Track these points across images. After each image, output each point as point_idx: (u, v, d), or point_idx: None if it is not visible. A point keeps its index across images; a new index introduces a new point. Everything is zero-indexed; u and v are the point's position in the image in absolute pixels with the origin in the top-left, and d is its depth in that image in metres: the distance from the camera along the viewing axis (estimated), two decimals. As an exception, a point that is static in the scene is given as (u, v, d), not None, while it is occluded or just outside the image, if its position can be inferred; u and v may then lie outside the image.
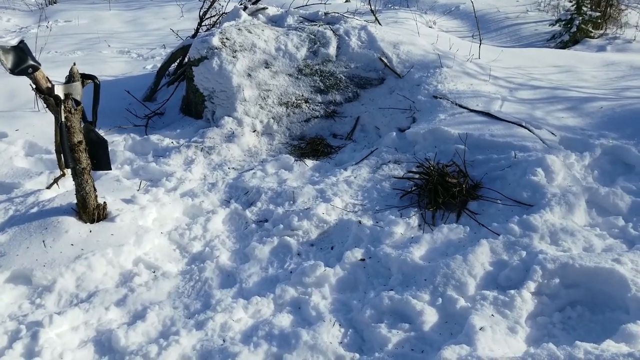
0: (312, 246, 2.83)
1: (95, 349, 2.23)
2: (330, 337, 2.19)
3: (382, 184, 3.25)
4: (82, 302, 2.44)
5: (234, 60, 4.31)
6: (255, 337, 2.21)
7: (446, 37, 5.59)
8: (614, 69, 4.81)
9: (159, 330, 2.32)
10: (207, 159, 3.77)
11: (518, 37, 8.86)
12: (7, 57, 2.40)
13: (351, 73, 4.43)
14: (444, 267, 2.41)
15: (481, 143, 3.36)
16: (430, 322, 2.18)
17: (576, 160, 3.13)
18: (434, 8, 10.54)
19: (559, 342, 2.03)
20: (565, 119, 3.70)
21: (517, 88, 4.26)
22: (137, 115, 4.63)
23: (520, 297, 2.20)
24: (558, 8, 9.59)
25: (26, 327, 2.25)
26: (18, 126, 4.10)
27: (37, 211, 2.95)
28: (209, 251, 2.81)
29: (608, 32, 8.65)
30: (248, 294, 2.49)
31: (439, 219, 2.90)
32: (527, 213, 2.75)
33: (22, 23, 9.08)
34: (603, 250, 2.48)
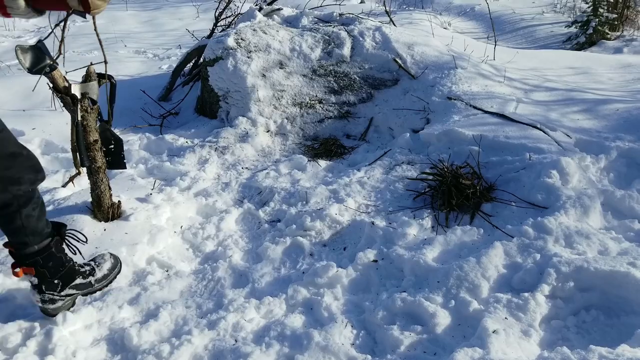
0: (325, 247, 2.83)
1: (108, 348, 2.24)
2: (342, 338, 2.19)
3: (395, 185, 3.25)
4: (96, 301, 2.45)
5: (249, 61, 4.33)
6: (267, 337, 2.22)
7: (461, 39, 5.57)
8: (630, 71, 4.76)
9: (172, 329, 2.33)
10: (221, 158, 3.78)
11: (533, 39, 8.80)
12: (25, 56, 2.42)
13: (365, 74, 4.43)
14: (457, 269, 2.39)
15: (495, 145, 3.34)
16: (443, 325, 2.17)
17: (591, 163, 3.10)
18: (449, 9, 10.50)
19: (573, 346, 2.01)
20: (580, 121, 3.66)
21: (532, 90, 4.23)
22: (153, 114, 4.66)
23: (534, 300, 2.19)
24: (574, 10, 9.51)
25: (40, 325, 2.26)
26: (35, 125, 4.14)
27: (52, 209, 2.98)
28: (221, 251, 2.82)
29: (625, 34, 8.57)
30: (260, 294, 2.49)
31: (452, 220, 2.89)
32: (541, 215, 2.72)
33: (41, 23, 9.19)
34: (618, 253, 2.46)
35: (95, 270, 2.44)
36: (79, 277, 2.36)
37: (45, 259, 2.17)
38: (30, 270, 2.16)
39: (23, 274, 2.17)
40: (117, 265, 2.56)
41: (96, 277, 2.44)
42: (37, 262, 2.15)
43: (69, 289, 2.30)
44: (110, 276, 2.51)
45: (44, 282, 2.19)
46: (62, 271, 2.26)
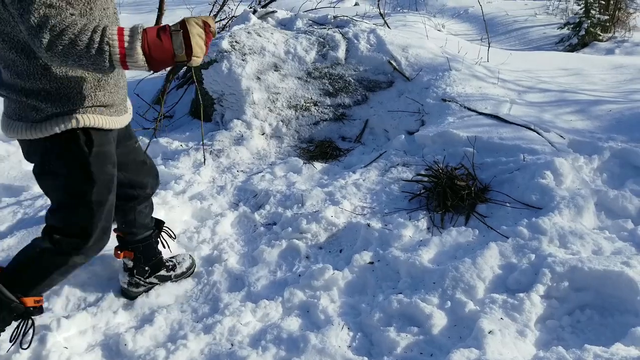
0: (321, 249, 2.83)
1: (103, 353, 2.23)
2: (338, 340, 2.19)
3: (390, 186, 3.25)
4: (90, 306, 2.45)
5: (244, 64, 4.32)
6: (264, 340, 2.21)
7: (455, 41, 5.59)
8: (622, 72, 4.79)
9: (167, 334, 2.32)
10: (216, 161, 3.78)
11: (526, 41, 8.84)
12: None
13: (360, 76, 4.43)
14: (452, 271, 2.40)
15: (490, 146, 3.35)
16: (439, 326, 2.17)
17: (585, 163, 3.12)
18: (443, 11, 10.54)
19: (568, 345, 2.02)
20: (573, 122, 3.68)
21: (525, 91, 4.25)
22: (147, 118, 4.65)
23: (530, 301, 2.19)
24: (567, 11, 9.56)
25: (34, 330, 2.25)
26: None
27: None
28: (217, 254, 2.81)
29: (617, 36, 8.62)
30: (256, 298, 2.49)
31: (447, 222, 2.90)
32: (535, 216, 2.73)
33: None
34: (612, 253, 2.47)
35: (176, 266, 2.65)
36: (164, 269, 2.60)
37: (144, 247, 2.50)
38: (130, 254, 2.48)
39: (123, 257, 2.50)
40: (193, 266, 2.73)
41: (176, 273, 2.64)
42: (137, 248, 2.49)
43: (153, 278, 2.56)
44: (186, 274, 2.69)
45: (137, 266, 2.49)
46: (154, 260, 2.54)
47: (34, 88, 1.77)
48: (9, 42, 1.70)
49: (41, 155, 1.92)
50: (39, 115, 1.81)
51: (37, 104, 1.79)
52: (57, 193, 1.99)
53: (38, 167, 1.95)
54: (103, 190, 1.98)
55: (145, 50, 1.63)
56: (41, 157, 1.92)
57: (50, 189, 2.00)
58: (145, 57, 1.64)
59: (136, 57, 1.62)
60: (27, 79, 1.76)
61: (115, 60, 1.60)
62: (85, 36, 1.56)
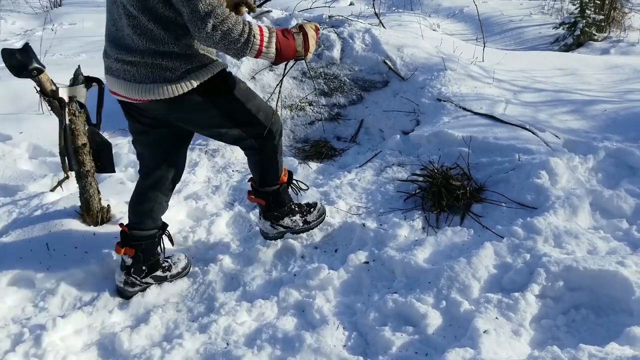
0: (316, 249, 2.83)
1: (99, 353, 2.23)
2: (334, 340, 2.19)
3: (386, 186, 3.25)
4: (86, 305, 2.44)
5: (239, 64, 4.32)
6: (259, 340, 2.21)
7: (450, 40, 5.59)
8: (617, 72, 4.80)
9: (163, 333, 2.32)
10: (211, 161, 3.77)
11: (522, 40, 8.86)
12: (11, 60, 2.41)
13: (355, 76, 4.43)
14: (447, 270, 2.40)
15: (485, 146, 3.35)
16: (434, 325, 2.18)
17: (580, 163, 3.13)
18: (438, 11, 10.55)
19: (563, 345, 2.02)
20: (569, 122, 3.69)
21: (520, 91, 4.26)
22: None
23: (525, 300, 2.20)
24: (562, 11, 9.60)
25: (29, 330, 2.25)
26: (22, 129, 4.11)
27: (40, 214, 2.96)
28: (212, 254, 2.81)
29: (612, 35, 8.65)
30: (252, 297, 2.49)
31: (442, 221, 2.90)
32: (530, 216, 2.74)
33: (27, 26, 9.13)
34: (607, 252, 2.48)
35: (172, 267, 2.65)
36: (160, 270, 2.60)
37: (146, 246, 2.53)
38: (130, 251, 2.49)
39: (123, 253, 2.50)
40: (189, 266, 2.72)
41: (171, 273, 2.63)
42: (139, 246, 2.51)
43: (149, 278, 2.57)
44: (181, 274, 2.68)
45: (135, 265, 2.50)
46: (152, 261, 2.55)
47: (167, 51, 2.06)
48: (150, 15, 1.99)
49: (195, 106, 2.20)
50: (174, 74, 2.10)
51: (171, 63, 2.08)
52: (224, 122, 2.31)
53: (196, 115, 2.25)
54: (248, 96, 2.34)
55: (277, 47, 2.07)
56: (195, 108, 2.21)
57: (215, 124, 2.33)
58: (275, 52, 2.07)
59: (270, 51, 2.07)
60: (161, 45, 2.05)
61: (254, 50, 2.02)
62: (239, 27, 1.96)
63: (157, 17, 2.01)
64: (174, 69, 2.09)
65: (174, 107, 2.19)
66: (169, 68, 2.09)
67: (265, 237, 2.84)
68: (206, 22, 1.89)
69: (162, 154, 2.44)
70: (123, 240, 2.51)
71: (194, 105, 2.20)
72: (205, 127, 2.38)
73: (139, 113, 2.31)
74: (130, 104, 2.27)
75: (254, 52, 2.02)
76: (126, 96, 2.19)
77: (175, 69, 2.09)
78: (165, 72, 2.09)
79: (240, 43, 1.97)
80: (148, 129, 2.37)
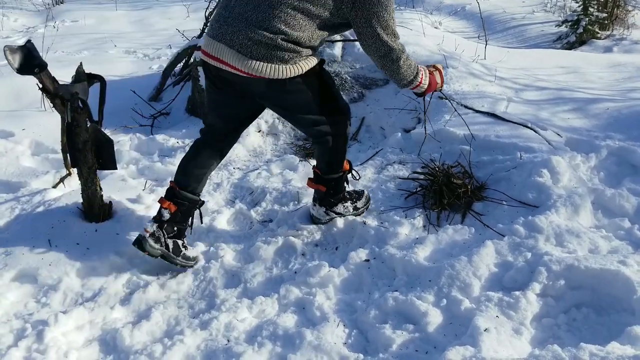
0: (317, 246, 2.83)
1: (100, 348, 2.23)
2: (334, 337, 2.19)
3: (387, 184, 3.25)
4: (88, 301, 2.45)
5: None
6: (260, 337, 2.22)
7: (452, 38, 5.58)
8: (620, 70, 4.79)
9: (164, 329, 2.32)
10: (212, 159, 3.77)
11: (524, 38, 8.84)
12: (14, 57, 2.41)
13: (356, 73, 4.43)
14: (448, 268, 2.40)
15: (486, 144, 3.35)
16: (434, 323, 2.18)
17: (582, 162, 3.12)
18: (440, 9, 10.52)
19: (564, 343, 2.02)
20: (571, 120, 3.69)
21: (522, 89, 4.25)
22: (143, 115, 4.64)
23: (525, 299, 2.20)
24: (564, 9, 9.56)
25: (32, 325, 2.26)
26: (24, 125, 4.11)
27: (43, 210, 2.97)
28: (213, 251, 2.81)
29: (615, 33, 8.61)
30: (252, 294, 2.49)
31: (443, 220, 2.90)
32: (532, 214, 2.74)
33: (30, 23, 9.13)
34: (609, 252, 2.47)
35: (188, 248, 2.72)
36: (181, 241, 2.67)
37: (186, 209, 2.65)
38: (172, 207, 2.60)
39: (164, 207, 2.60)
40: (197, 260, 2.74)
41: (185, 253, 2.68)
42: (182, 206, 2.62)
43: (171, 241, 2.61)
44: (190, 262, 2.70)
45: (169, 222, 2.60)
46: (183, 227, 2.67)
47: (297, 40, 2.26)
48: (311, 17, 2.25)
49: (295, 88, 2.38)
50: (290, 58, 2.28)
51: (293, 49, 2.26)
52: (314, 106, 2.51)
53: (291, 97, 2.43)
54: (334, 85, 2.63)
55: (428, 83, 2.56)
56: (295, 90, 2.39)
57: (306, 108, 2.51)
58: (426, 87, 2.56)
59: (423, 86, 2.55)
60: (298, 33, 2.25)
61: (414, 84, 2.51)
62: (413, 64, 2.46)
63: (315, 15, 2.25)
64: (293, 54, 2.27)
65: (275, 87, 2.34)
66: (289, 52, 2.26)
67: (315, 222, 2.95)
68: (395, 41, 2.35)
69: (233, 127, 2.65)
70: (168, 195, 2.62)
71: (294, 87, 2.37)
72: (294, 109, 2.54)
73: (228, 85, 2.43)
74: (223, 74, 2.37)
75: (414, 85, 2.51)
76: (234, 67, 2.29)
77: (295, 54, 2.27)
78: (284, 54, 2.25)
79: (407, 70, 2.43)
80: (231, 101, 2.52)
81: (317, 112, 2.53)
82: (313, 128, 2.61)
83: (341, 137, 2.69)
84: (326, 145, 2.69)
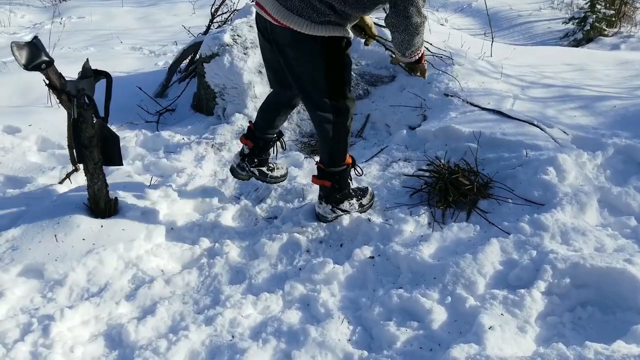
0: (321, 243, 2.83)
1: (106, 343, 2.24)
2: (338, 334, 2.19)
3: (392, 181, 3.25)
4: (93, 297, 2.46)
5: (245, 57, 4.32)
6: (264, 333, 2.22)
7: (458, 35, 5.56)
8: (627, 68, 4.76)
9: (169, 325, 2.33)
10: (217, 155, 3.78)
11: (531, 35, 8.80)
12: (21, 53, 2.42)
13: (362, 70, 4.42)
14: (453, 266, 2.40)
15: (492, 141, 3.34)
16: (439, 321, 2.18)
17: (588, 160, 3.10)
18: (446, 5, 10.49)
19: (569, 342, 2.02)
20: (577, 118, 3.67)
21: (529, 86, 4.24)
22: (149, 111, 4.65)
23: (530, 297, 2.19)
24: (572, 6, 9.52)
25: (38, 320, 2.27)
26: (31, 121, 4.13)
27: (49, 206, 2.98)
28: (218, 247, 2.82)
29: (622, 31, 8.57)
30: (257, 290, 2.50)
31: (449, 217, 2.89)
32: (538, 212, 2.73)
33: (36, 19, 9.15)
34: (615, 250, 2.47)
35: (274, 169, 3.26)
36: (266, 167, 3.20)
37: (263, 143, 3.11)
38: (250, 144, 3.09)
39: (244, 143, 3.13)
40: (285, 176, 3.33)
41: (272, 174, 3.23)
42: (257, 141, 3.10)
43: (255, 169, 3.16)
44: (279, 179, 3.28)
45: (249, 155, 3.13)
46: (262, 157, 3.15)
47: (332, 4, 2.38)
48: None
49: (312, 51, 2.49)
50: (319, 18, 2.39)
51: (324, 11, 2.38)
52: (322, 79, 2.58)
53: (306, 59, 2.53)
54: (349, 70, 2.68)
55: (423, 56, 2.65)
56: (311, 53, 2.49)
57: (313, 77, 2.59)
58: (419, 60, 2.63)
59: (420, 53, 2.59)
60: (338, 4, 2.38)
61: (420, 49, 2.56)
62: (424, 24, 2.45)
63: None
64: (322, 15, 2.39)
65: (297, 43, 2.48)
66: (320, 14, 2.38)
67: (321, 221, 2.98)
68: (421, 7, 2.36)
69: (277, 78, 2.84)
70: (248, 134, 3.09)
71: (313, 50, 2.48)
72: (304, 76, 2.61)
73: (267, 32, 2.58)
74: (266, 23, 2.54)
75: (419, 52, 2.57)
76: (270, 14, 2.46)
77: (324, 16, 2.39)
78: (314, 14, 2.38)
79: (419, 34, 2.43)
80: (270, 51, 2.70)
81: (323, 88, 2.60)
82: (316, 111, 2.69)
83: (342, 127, 2.74)
84: (327, 135, 2.74)
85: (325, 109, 2.66)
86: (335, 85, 2.61)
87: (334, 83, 2.60)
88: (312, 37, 2.42)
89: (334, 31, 2.45)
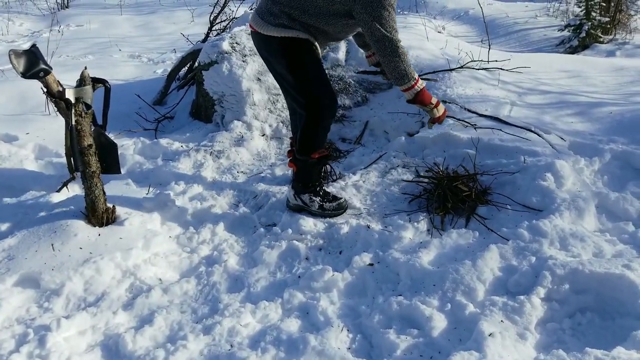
0: (320, 250, 2.82)
1: (103, 354, 2.22)
2: (338, 342, 2.18)
3: (390, 188, 3.25)
4: (90, 306, 2.44)
5: (244, 65, 4.33)
6: (263, 342, 2.21)
7: (455, 42, 5.58)
8: (623, 74, 4.78)
9: (167, 334, 2.31)
10: (216, 162, 3.78)
11: (527, 42, 8.83)
12: (19, 61, 2.42)
13: (360, 77, 4.43)
14: (452, 273, 2.39)
15: (490, 148, 3.34)
16: (439, 328, 2.17)
17: (585, 165, 3.11)
18: (443, 13, 10.54)
19: (569, 348, 2.01)
20: (574, 124, 3.68)
21: (526, 93, 4.25)
22: (147, 119, 4.65)
23: (530, 303, 2.19)
24: (567, 13, 9.56)
25: (34, 330, 2.25)
26: (29, 129, 4.13)
27: (46, 214, 2.96)
28: (217, 255, 2.81)
29: (617, 38, 8.61)
30: (256, 299, 2.49)
31: (447, 223, 2.89)
32: (536, 218, 2.73)
33: (35, 27, 9.17)
34: (613, 255, 2.47)
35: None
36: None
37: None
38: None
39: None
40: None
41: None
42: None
43: None
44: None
45: None
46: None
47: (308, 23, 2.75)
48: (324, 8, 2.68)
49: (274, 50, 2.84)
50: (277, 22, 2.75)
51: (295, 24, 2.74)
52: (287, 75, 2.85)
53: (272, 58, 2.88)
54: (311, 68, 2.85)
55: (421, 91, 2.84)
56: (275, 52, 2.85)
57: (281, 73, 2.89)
58: (417, 95, 2.83)
59: (416, 91, 2.82)
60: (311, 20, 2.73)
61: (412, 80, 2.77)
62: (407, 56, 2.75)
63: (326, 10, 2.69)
64: (277, 18, 2.74)
65: (264, 44, 2.86)
66: (275, 17, 2.73)
67: (287, 205, 3.15)
68: (394, 35, 2.62)
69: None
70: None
71: (274, 49, 2.83)
72: (274, 72, 2.96)
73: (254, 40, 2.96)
74: (252, 35, 2.95)
75: (411, 82, 2.76)
76: (251, 25, 2.89)
77: (278, 19, 2.73)
78: (271, 17, 2.74)
79: (405, 70, 2.70)
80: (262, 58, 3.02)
81: (292, 83, 2.87)
82: (294, 100, 2.95)
83: (310, 119, 2.88)
84: (301, 121, 2.94)
85: (297, 102, 2.91)
86: (302, 82, 2.84)
87: (300, 80, 2.84)
88: (270, 37, 2.78)
89: (286, 32, 2.75)
